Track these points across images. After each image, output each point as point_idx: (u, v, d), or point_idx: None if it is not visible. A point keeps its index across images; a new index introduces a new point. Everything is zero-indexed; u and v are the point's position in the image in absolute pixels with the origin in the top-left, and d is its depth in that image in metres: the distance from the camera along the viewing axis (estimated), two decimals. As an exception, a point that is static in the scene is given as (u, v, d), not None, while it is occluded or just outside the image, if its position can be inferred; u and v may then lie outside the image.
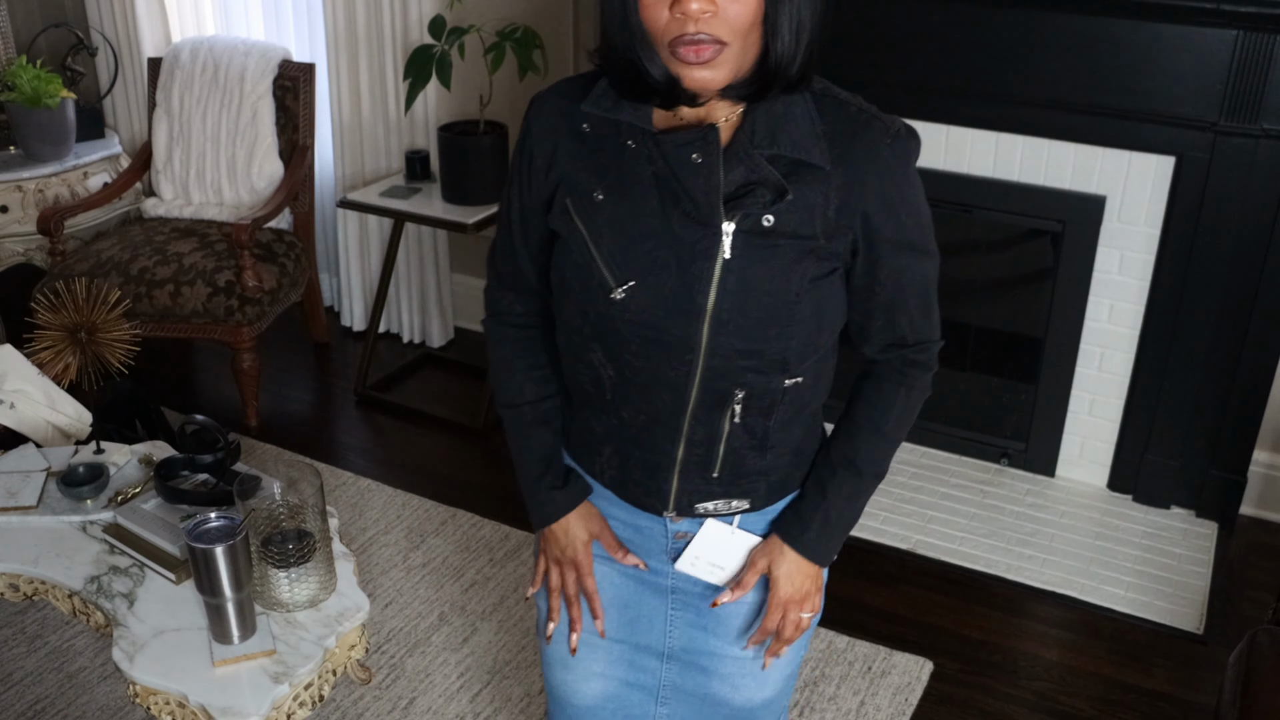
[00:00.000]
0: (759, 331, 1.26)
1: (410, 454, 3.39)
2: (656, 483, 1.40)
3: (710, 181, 1.22)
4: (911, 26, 2.88)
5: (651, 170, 1.26)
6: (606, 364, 1.33)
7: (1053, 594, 2.78)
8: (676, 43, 1.16)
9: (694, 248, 1.24)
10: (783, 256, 1.24)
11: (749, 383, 1.30)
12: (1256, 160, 2.68)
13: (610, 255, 1.27)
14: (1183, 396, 2.95)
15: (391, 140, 3.73)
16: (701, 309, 1.25)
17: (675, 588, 1.48)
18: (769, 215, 1.23)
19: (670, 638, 1.50)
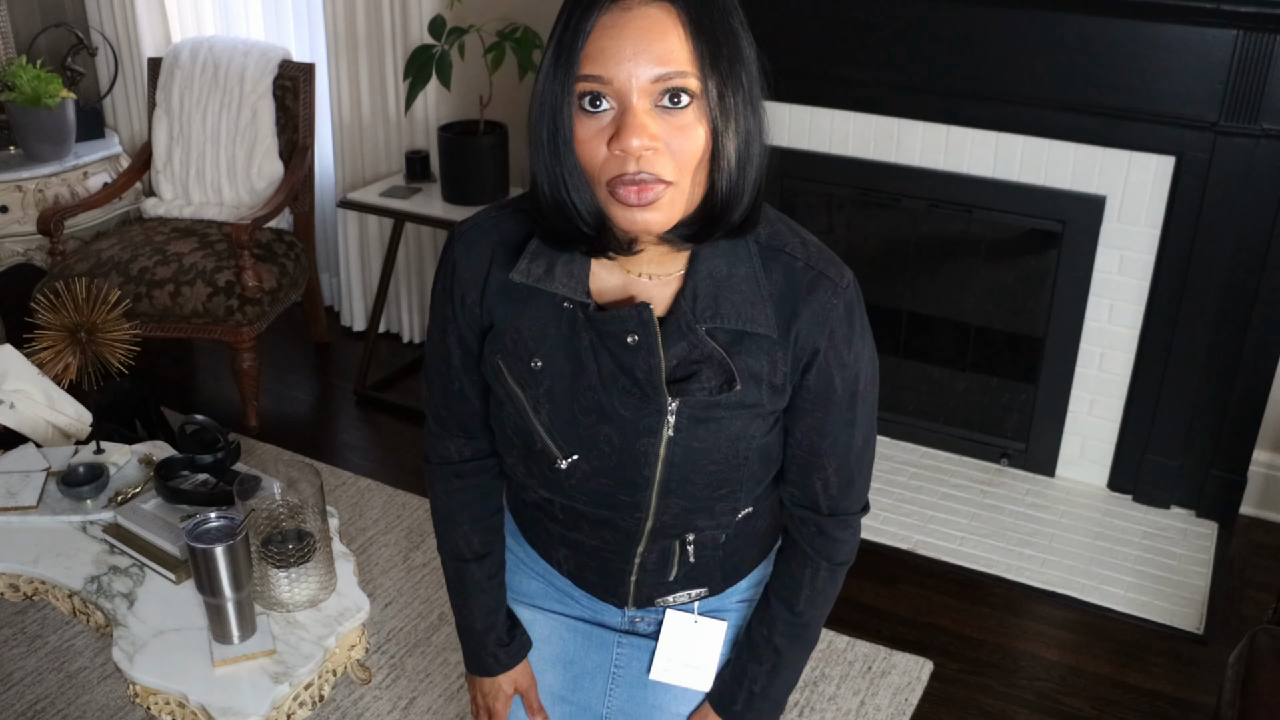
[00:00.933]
0: (707, 493, 1.22)
1: (410, 454, 3.39)
2: (613, 585, 1.36)
3: (650, 362, 1.14)
4: (912, 26, 2.88)
5: (589, 339, 1.17)
6: (554, 501, 1.29)
7: (1053, 594, 2.78)
8: (616, 182, 1.04)
9: (637, 425, 1.17)
10: (729, 427, 1.18)
11: (699, 526, 1.27)
12: (1256, 160, 2.68)
13: (551, 426, 1.20)
14: (1183, 396, 2.95)
15: (391, 140, 3.73)
16: (649, 480, 1.20)
17: (621, 641, 1.43)
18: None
19: (611, 698, 1.45)
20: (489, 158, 3.40)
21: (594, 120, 1.04)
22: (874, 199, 3.19)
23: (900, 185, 3.10)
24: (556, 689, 1.47)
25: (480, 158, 3.38)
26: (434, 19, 3.29)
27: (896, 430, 3.38)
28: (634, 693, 1.43)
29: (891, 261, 3.30)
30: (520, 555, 1.45)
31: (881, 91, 3.01)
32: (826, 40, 2.99)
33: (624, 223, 1.07)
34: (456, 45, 3.29)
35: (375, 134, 3.76)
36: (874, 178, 3.12)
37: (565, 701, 1.47)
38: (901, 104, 3.01)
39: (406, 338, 4.02)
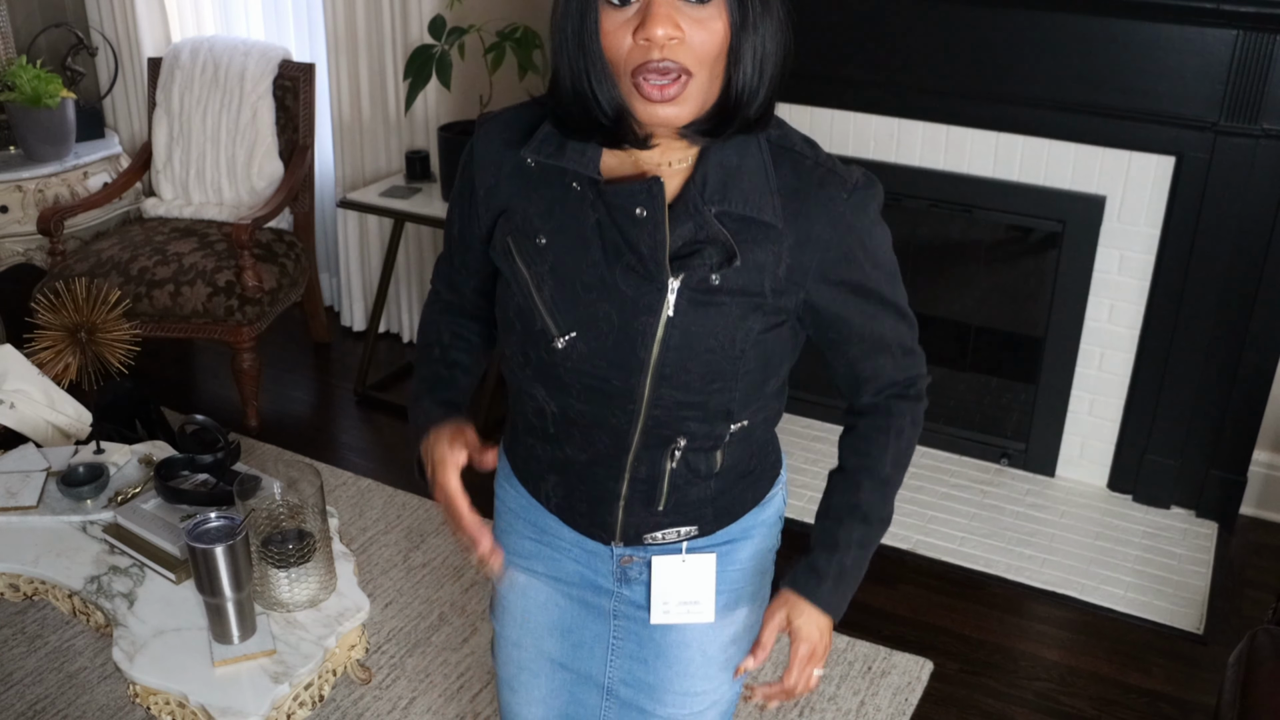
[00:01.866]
0: (702, 385, 1.23)
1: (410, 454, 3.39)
2: (601, 515, 1.36)
3: (655, 238, 1.17)
4: (912, 27, 2.88)
5: (595, 218, 1.20)
6: (549, 402, 1.29)
7: (1053, 594, 2.78)
8: (640, 70, 1.09)
9: (637, 303, 1.19)
10: (728, 314, 1.20)
11: (691, 430, 1.27)
12: (1256, 160, 2.68)
13: (552, 303, 1.22)
14: (1183, 396, 2.95)
15: (391, 140, 3.73)
16: (644, 363, 1.21)
17: (617, 612, 1.43)
18: (716, 275, 1.18)
19: (611, 669, 1.46)
20: (489, 158, 3.39)
21: (619, 13, 1.10)
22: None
23: (900, 185, 3.10)
24: (557, 656, 1.48)
25: (480, 158, 3.38)
26: (434, 19, 3.29)
27: (896, 430, 3.37)
28: (634, 666, 1.44)
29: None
30: (513, 507, 1.46)
31: (881, 91, 3.01)
32: (827, 41, 2.99)
33: (644, 116, 1.12)
34: (456, 45, 3.29)
35: (375, 134, 3.76)
36: (874, 178, 3.12)
37: (566, 669, 1.48)
38: (901, 104, 3.01)
39: (406, 338, 4.02)
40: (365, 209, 3.52)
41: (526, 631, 1.49)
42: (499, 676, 1.56)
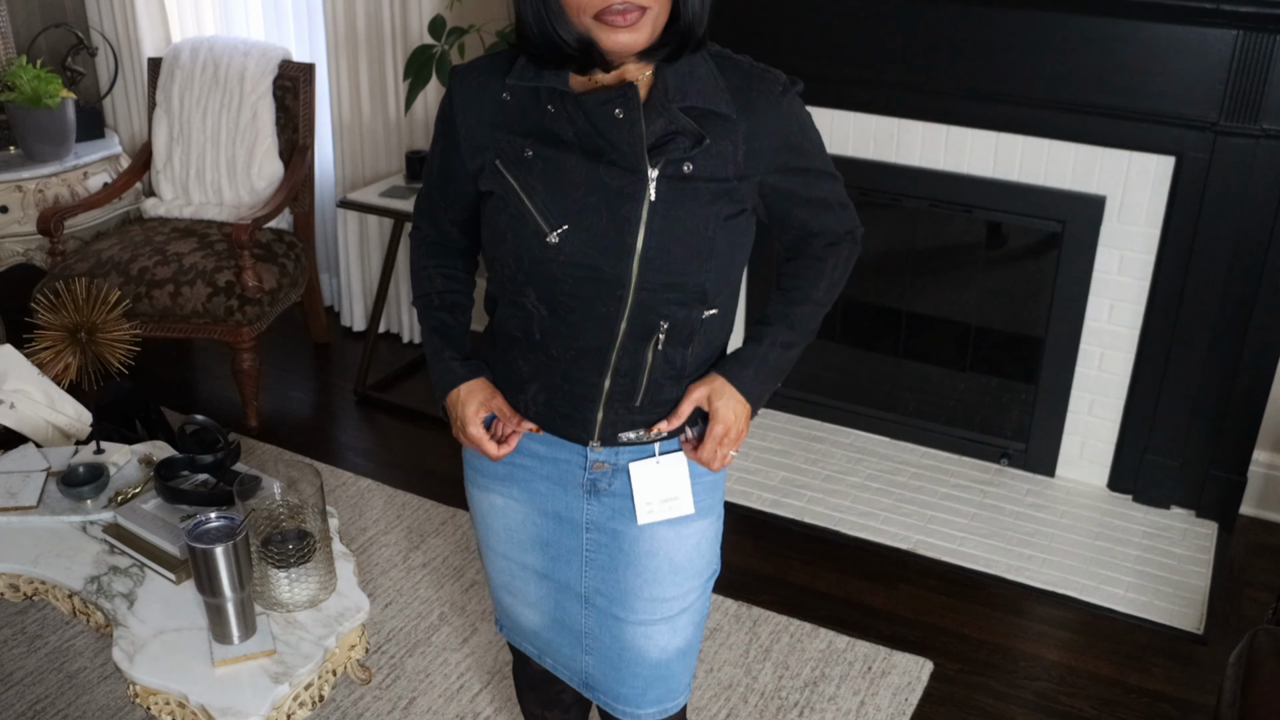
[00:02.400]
0: (681, 265, 1.39)
1: (410, 454, 3.39)
2: (582, 414, 1.49)
3: (634, 132, 1.34)
4: (911, 27, 2.88)
5: (573, 130, 1.37)
6: (539, 305, 1.43)
7: (1053, 594, 2.78)
8: (602, 14, 1.27)
9: (622, 193, 1.35)
10: (701, 198, 1.37)
11: (672, 314, 1.42)
12: (1256, 160, 2.68)
13: (543, 204, 1.38)
14: (1183, 396, 2.95)
15: (391, 140, 3.73)
16: (631, 248, 1.36)
17: (590, 524, 1.56)
18: (689, 163, 1.36)
19: (586, 578, 1.59)
20: (489, 158, 3.39)
21: None
22: (874, 199, 3.19)
23: (900, 185, 3.10)
24: (539, 568, 1.63)
25: (480, 158, 3.38)
26: (434, 19, 3.29)
27: (896, 430, 3.38)
28: (606, 576, 1.58)
29: (891, 261, 3.30)
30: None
31: (881, 91, 3.01)
32: (826, 41, 2.99)
33: (608, 44, 1.30)
34: (456, 45, 3.29)
35: (375, 134, 3.76)
36: (874, 178, 3.12)
37: (548, 579, 1.63)
38: (901, 104, 3.01)
39: (406, 338, 4.02)
40: (365, 209, 3.52)
41: (511, 545, 1.63)
42: (494, 581, 1.71)
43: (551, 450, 1.55)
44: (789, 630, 2.63)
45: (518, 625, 1.72)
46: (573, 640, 1.65)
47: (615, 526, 1.55)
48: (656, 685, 1.63)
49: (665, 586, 1.57)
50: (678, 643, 1.62)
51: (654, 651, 1.60)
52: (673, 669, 1.63)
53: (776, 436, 3.38)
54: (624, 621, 1.59)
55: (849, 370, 3.46)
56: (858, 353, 3.47)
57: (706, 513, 1.58)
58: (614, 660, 1.62)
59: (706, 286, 1.42)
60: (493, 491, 1.63)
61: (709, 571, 1.62)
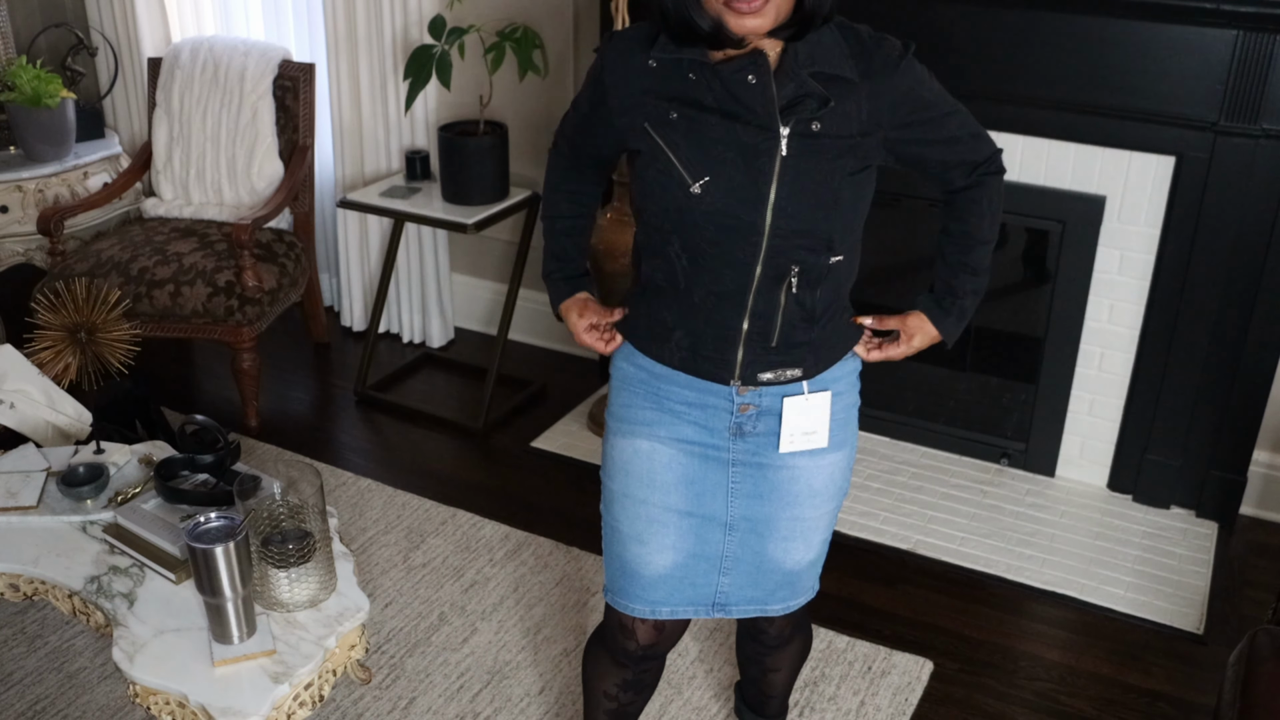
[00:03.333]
0: (810, 214, 1.55)
1: (410, 454, 3.39)
2: (724, 355, 1.64)
3: (766, 95, 1.49)
4: (912, 26, 2.88)
5: (712, 96, 1.53)
6: (682, 254, 1.60)
7: (1053, 594, 2.78)
8: (732, 1, 1.43)
9: (757, 148, 1.51)
10: (828, 153, 1.53)
11: (802, 259, 1.57)
12: (1256, 160, 2.68)
13: (687, 159, 1.54)
14: (1183, 396, 2.95)
15: (391, 140, 3.73)
16: (765, 197, 1.52)
17: (735, 460, 1.71)
18: (817, 122, 1.51)
19: (732, 508, 1.74)
20: (489, 158, 3.40)
21: None
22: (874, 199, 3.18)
23: (900, 185, 3.10)
24: (683, 506, 1.74)
25: (480, 158, 3.38)
26: (434, 19, 3.29)
27: (896, 430, 3.38)
28: (751, 503, 1.73)
29: (892, 261, 3.30)
30: (633, 384, 1.74)
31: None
32: None
33: (735, 27, 1.45)
34: (456, 45, 3.29)
35: (375, 134, 3.76)
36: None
37: (692, 515, 1.74)
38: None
39: (406, 338, 4.02)
40: (365, 209, 3.52)
41: (654, 488, 1.73)
42: (621, 534, 1.78)
43: (699, 395, 1.69)
44: (789, 630, 2.63)
45: (640, 580, 1.78)
46: (709, 568, 1.78)
47: (760, 460, 1.71)
48: (784, 588, 1.82)
49: (805, 508, 1.75)
50: (810, 556, 1.81)
51: (789, 563, 1.79)
52: (802, 576, 1.83)
53: (776, 436, 3.38)
54: (765, 539, 1.76)
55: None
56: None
57: (841, 445, 1.75)
58: (752, 574, 1.78)
59: (833, 234, 1.58)
60: (639, 437, 1.73)
61: (841, 495, 1.80)
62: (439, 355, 3.96)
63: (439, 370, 3.89)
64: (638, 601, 1.79)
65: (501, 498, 3.15)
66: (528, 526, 3.01)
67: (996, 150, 1.73)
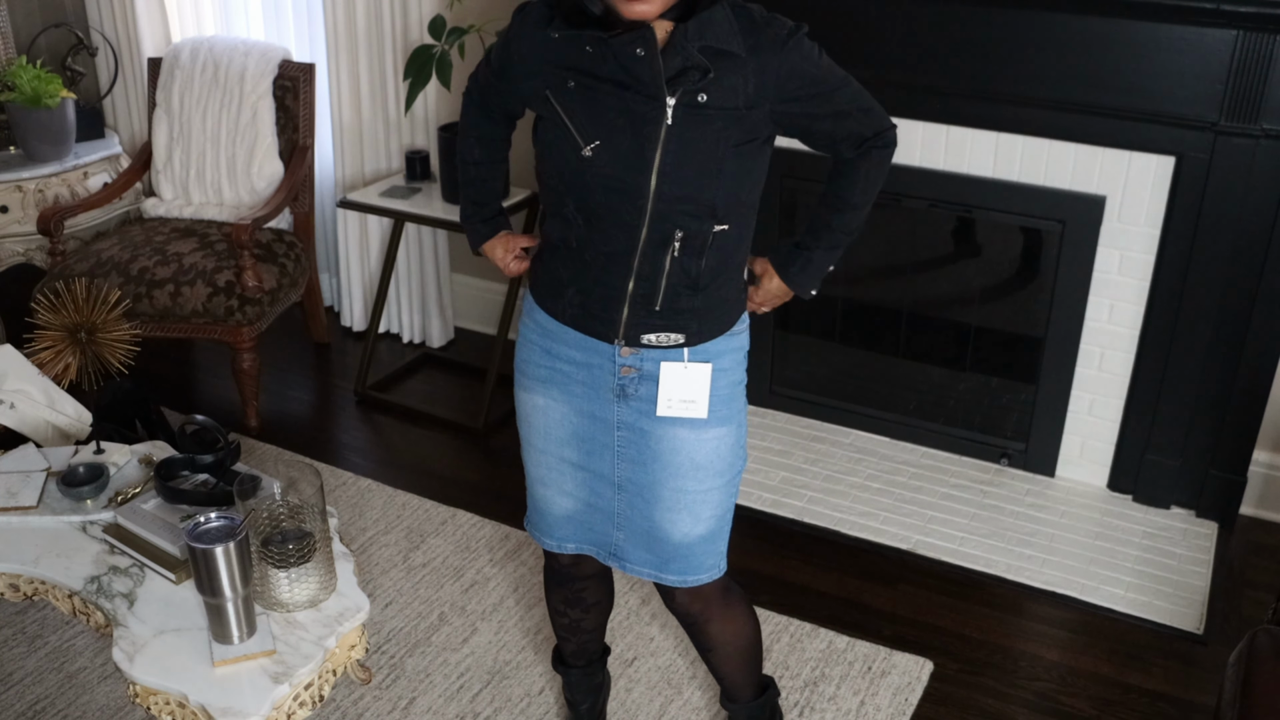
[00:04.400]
0: (694, 181, 1.62)
1: (410, 454, 3.39)
2: (610, 314, 1.72)
3: (653, 66, 1.57)
4: (912, 26, 2.88)
5: (607, 68, 1.60)
6: (576, 215, 1.68)
7: (1053, 594, 2.78)
8: None
9: (645, 116, 1.60)
10: (713, 124, 1.60)
11: (686, 225, 1.65)
12: (1256, 160, 2.68)
13: (580, 124, 1.63)
14: (1183, 396, 2.95)
15: (391, 140, 3.73)
16: (650, 162, 1.61)
17: (621, 423, 1.80)
18: (703, 93, 1.59)
19: (618, 470, 1.83)
20: (489, 158, 3.39)
21: None
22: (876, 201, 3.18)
23: (900, 185, 3.10)
24: (575, 459, 1.86)
25: (480, 158, 3.38)
26: (434, 19, 3.29)
27: (896, 430, 3.38)
28: (635, 468, 1.82)
29: (891, 261, 3.30)
30: (532, 338, 1.85)
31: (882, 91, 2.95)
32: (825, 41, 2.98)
33: (626, 12, 1.54)
34: (456, 45, 3.29)
35: (375, 134, 3.75)
36: (874, 178, 3.12)
37: (584, 469, 1.86)
38: (902, 104, 2.99)
39: (406, 338, 4.02)
40: (365, 209, 3.52)
41: (550, 441, 1.87)
42: (530, 475, 1.95)
43: (586, 355, 1.77)
44: (789, 630, 2.63)
45: (548, 517, 1.95)
46: (605, 519, 1.89)
47: (642, 426, 1.78)
48: (678, 560, 1.87)
49: (686, 480, 1.80)
50: (699, 530, 1.84)
51: (676, 534, 1.84)
52: (694, 550, 1.86)
53: (776, 436, 3.38)
54: (652, 506, 1.83)
55: (849, 370, 3.46)
56: (858, 353, 3.47)
57: (725, 421, 1.79)
58: (642, 536, 1.86)
59: (716, 202, 1.64)
60: (535, 393, 1.85)
61: (730, 473, 1.84)
62: (439, 355, 3.96)
63: (439, 370, 3.89)
64: (547, 536, 1.97)
65: (501, 498, 3.15)
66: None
67: (888, 125, 1.77)
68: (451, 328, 4.06)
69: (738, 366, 1.82)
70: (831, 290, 3.34)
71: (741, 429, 1.85)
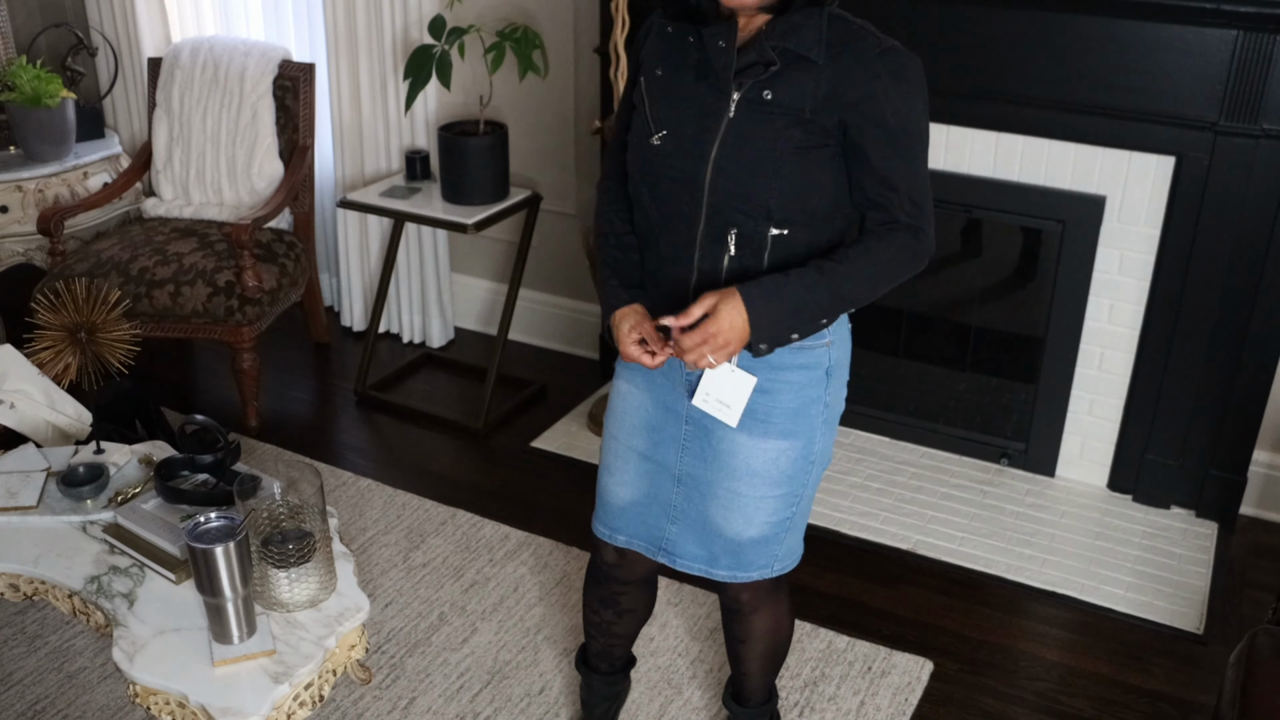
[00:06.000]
0: (748, 178, 1.60)
1: (410, 454, 3.39)
2: (676, 308, 1.66)
3: (727, 59, 1.59)
4: (912, 26, 2.88)
5: (694, 58, 1.64)
6: (650, 204, 1.71)
7: (1053, 594, 2.78)
8: None
9: (709, 108, 1.62)
10: (774, 123, 1.59)
11: (740, 224, 1.63)
12: (1256, 160, 2.68)
13: (656, 112, 1.67)
14: (1183, 396, 2.95)
15: (391, 140, 3.73)
16: (707, 154, 1.62)
17: (689, 418, 1.80)
18: (769, 90, 1.58)
19: (681, 462, 1.84)
20: (489, 157, 3.40)
21: None
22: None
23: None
24: (643, 449, 1.88)
25: (480, 158, 3.38)
26: (434, 19, 3.29)
27: (896, 430, 3.38)
28: (697, 463, 1.83)
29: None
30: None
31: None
32: None
33: (726, 1, 1.58)
34: (456, 45, 3.29)
35: (375, 134, 3.76)
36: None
37: (649, 460, 1.88)
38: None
39: (407, 338, 4.02)
40: (365, 209, 3.52)
41: (623, 428, 1.89)
42: (602, 462, 1.95)
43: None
44: (789, 630, 2.63)
45: (606, 505, 1.95)
46: (660, 512, 1.89)
47: (706, 424, 1.79)
48: (728, 556, 1.86)
49: (742, 484, 1.79)
50: (751, 532, 1.83)
51: (730, 531, 1.84)
52: (744, 549, 1.85)
53: (776, 436, 3.38)
54: (708, 501, 1.83)
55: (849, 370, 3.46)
56: (858, 353, 3.44)
57: (789, 435, 1.77)
58: (697, 531, 1.87)
59: (771, 204, 1.61)
60: (626, 379, 1.88)
61: (790, 485, 1.81)
62: (439, 355, 3.96)
63: (439, 370, 3.89)
64: (602, 525, 1.97)
65: (501, 498, 3.15)
66: (528, 526, 3.01)
67: (925, 231, 1.63)
68: (451, 328, 4.06)
69: (813, 384, 1.76)
70: (831, 290, 3.34)
71: (812, 445, 1.79)
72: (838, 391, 1.82)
